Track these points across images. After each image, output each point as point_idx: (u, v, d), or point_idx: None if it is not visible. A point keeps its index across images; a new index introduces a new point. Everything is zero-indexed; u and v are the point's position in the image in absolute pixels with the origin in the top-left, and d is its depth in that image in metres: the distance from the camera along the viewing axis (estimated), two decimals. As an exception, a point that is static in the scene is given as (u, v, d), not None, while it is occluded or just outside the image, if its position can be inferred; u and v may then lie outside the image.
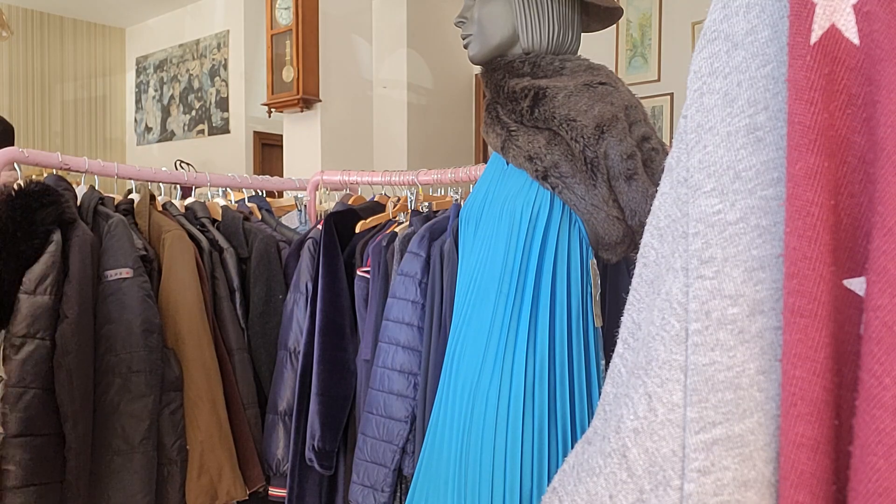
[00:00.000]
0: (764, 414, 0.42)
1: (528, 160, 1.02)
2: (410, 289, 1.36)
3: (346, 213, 1.61)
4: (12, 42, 5.68)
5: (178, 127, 5.90)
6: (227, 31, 5.47)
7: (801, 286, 0.39)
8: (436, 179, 1.63)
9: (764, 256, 0.44)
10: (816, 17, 0.41)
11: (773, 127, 0.44)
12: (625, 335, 0.53)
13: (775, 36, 0.45)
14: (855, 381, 0.38)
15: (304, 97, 3.62)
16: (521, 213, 1.02)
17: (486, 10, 1.10)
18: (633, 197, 0.98)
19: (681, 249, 0.47)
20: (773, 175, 0.44)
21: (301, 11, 3.59)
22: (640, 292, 0.52)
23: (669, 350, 0.46)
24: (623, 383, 0.50)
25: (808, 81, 0.40)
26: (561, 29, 1.09)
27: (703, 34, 0.49)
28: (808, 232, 0.39)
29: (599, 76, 1.04)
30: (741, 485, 0.42)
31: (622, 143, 0.98)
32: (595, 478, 0.49)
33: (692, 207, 0.46)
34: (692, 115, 0.48)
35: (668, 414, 0.45)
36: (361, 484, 1.36)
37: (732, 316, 0.43)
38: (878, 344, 0.36)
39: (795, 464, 0.38)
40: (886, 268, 0.36)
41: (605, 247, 1.02)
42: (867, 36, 0.40)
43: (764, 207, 0.44)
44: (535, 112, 1.03)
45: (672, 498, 0.45)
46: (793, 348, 0.39)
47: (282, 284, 1.60)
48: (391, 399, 1.35)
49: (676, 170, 0.49)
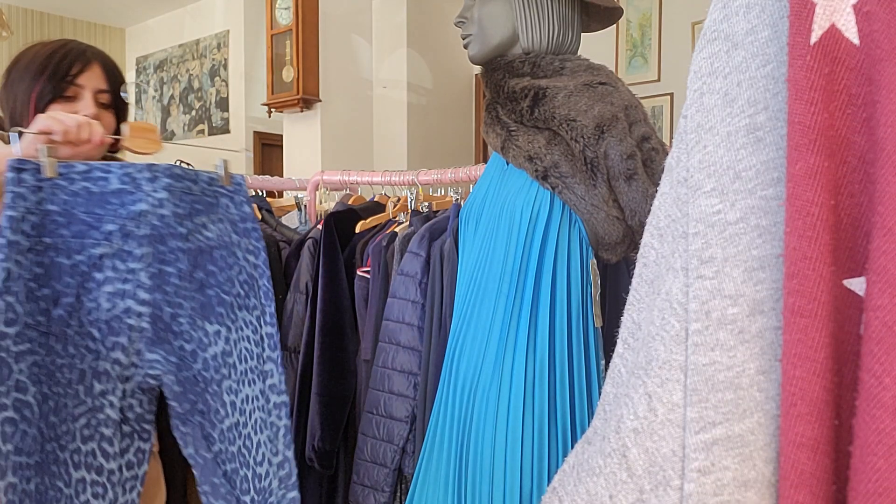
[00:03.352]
0: (764, 414, 0.42)
1: (528, 160, 1.02)
2: (410, 289, 1.37)
3: (346, 213, 1.61)
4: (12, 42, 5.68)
5: (178, 127, 5.90)
6: (227, 31, 5.47)
7: (801, 286, 0.39)
8: (436, 179, 1.63)
9: (764, 256, 0.44)
10: (816, 17, 0.41)
11: (773, 127, 0.44)
12: (625, 335, 0.53)
13: (775, 36, 0.45)
14: (855, 381, 0.38)
15: (304, 97, 3.62)
16: (521, 213, 1.02)
17: (486, 10, 1.10)
18: (633, 197, 0.98)
19: (681, 249, 0.47)
20: (773, 175, 0.44)
21: (301, 11, 3.59)
22: (640, 292, 0.52)
23: (669, 350, 0.46)
24: (623, 383, 0.50)
25: (808, 81, 0.40)
26: (561, 29, 1.09)
27: (703, 34, 0.49)
28: (808, 232, 0.39)
29: (599, 76, 1.04)
30: (741, 485, 0.42)
31: (622, 143, 0.98)
32: (595, 478, 0.49)
33: (692, 207, 0.46)
34: (692, 115, 0.48)
35: (668, 414, 0.45)
36: (361, 484, 1.36)
37: (732, 316, 0.43)
38: (878, 344, 0.36)
39: (795, 464, 0.38)
40: (886, 268, 0.36)
41: (605, 247, 1.02)
42: (867, 36, 0.40)
43: (764, 207, 0.44)
44: (535, 112, 1.03)
45: (672, 498, 0.45)
46: (793, 348, 0.39)
47: (282, 284, 1.60)
48: (391, 399, 1.35)
49: (676, 170, 0.49)
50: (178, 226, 0.98)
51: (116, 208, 0.93)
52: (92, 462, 0.94)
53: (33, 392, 0.87)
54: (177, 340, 0.98)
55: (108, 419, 0.95)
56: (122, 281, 0.94)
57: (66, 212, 0.91)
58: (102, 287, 0.93)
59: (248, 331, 1.03)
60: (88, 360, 0.94)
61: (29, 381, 0.87)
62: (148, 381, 0.97)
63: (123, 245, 0.94)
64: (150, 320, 0.96)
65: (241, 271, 1.05)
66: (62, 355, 0.91)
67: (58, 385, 0.91)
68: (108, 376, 0.95)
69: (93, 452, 0.94)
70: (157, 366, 0.96)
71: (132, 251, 0.94)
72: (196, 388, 0.99)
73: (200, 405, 0.99)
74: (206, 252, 1.02)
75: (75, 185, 0.91)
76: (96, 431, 0.94)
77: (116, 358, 0.95)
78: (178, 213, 0.98)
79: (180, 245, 0.98)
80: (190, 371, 0.99)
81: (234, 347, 1.02)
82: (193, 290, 0.99)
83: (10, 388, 0.84)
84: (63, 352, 0.91)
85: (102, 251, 0.93)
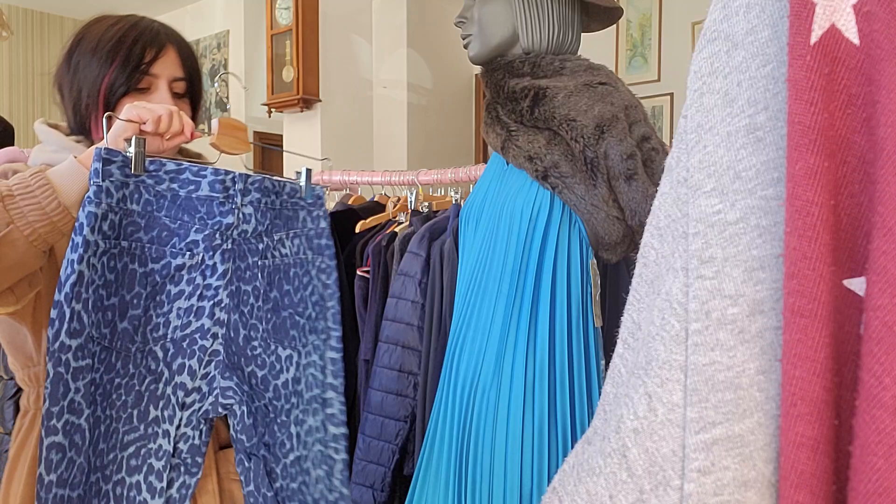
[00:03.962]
0: (764, 414, 0.42)
1: (528, 160, 1.02)
2: (410, 289, 1.37)
3: (346, 213, 1.61)
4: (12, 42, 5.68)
5: (178, 127, 5.91)
6: (227, 32, 5.47)
7: (801, 286, 0.39)
8: (436, 179, 1.63)
9: (764, 256, 0.44)
10: (816, 17, 0.41)
11: (773, 127, 0.44)
12: (625, 335, 0.53)
13: (775, 36, 0.45)
14: (855, 381, 0.38)
15: (304, 97, 3.62)
16: (521, 213, 1.02)
17: (486, 10, 1.10)
18: (633, 197, 0.98)
19: (681, 249, 0.47)
20: (773, 175, 0.44)
21: (301, 11, 3.59)
22: (640, 292, 0.52)
23: (669, 350, 0.46)
24: (623, 383, 0.50)
25: (808, 81, 0.40)
26: (561, 29, 1.09)
27: (703, 34, 0.49)
28: (808, 232, 0.39)
29: (599, 76, 1.04)
30: (741, 485, 0.42)
31: (622, 143, 0.98)
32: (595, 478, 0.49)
33: (692, 207, 0.46)
34: (692, 115, 0.48)
35: (668, 414, 0.45)
36: (361, 483, 1.36)
37: (732, 316, 0.43)
38: (878, 344, 0.36)
39: (795, 464, 0.38)
40: (886, 268, 0.36)
41: (605, 247, 1.02)
42: (867, 36, 0.40)
43: (764, 207, 0.44)
44: (535, 112, 1.03)
45: (672, 498, 0.45)
46: (793, 348, 0.39)
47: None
48: (390, 398, 1.35)
49: (676, 170, 0.49)
50: (258, 242, 0.89)
51: (204, 217, 0.83)
52: (135, 497, 0.81)
53: (87, 415, 0.76)
54: (249, 366, 0.88)
55: (159, 449, 0.82)
56: (198, 297, 0.84)
57: (147, 213, 0.81)
58: (175, 302, 0.83)
59: (315, 356, 0.95)
60: (148, 381, 0.82)
61: (84, 402, 0.75)
62: (218, 409, 0.85)
63: (206, 258, 0.84)
64: (224, 343, 0.85)
65: (313, 291, 0.96)
66: (121, 374, 0.80)
67: (112, 407, 0.80)
68: (168, 402, 0.83)
69: (137, 486, 0.81)
70: (230, 394, 0.84)
71: (215, 265, 0.84)
72: (266, 418, 0.89)
73: (267, 437, 0.89)
74: (282, 270, 0.93)
75: (161, 186, 0.81)
76: (145, 462, 0.82)
77: (181, 382, 0.83)
78: (259, 229, 0.89)
79: (258, 262, 0.89)
80: (262, 400, 0.89)
81: (303, 374, 0.93)
82: (268, 311, 0.90)
83: (63, 409, 0.73)
84: (122, 371, 0.80)
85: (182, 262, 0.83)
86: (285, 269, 0.93)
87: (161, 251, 0.82)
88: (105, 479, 0.79)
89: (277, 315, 0.92)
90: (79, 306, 0.73)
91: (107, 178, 0.76)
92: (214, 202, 0.84)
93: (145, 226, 0.81)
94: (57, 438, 0.72)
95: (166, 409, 0.83)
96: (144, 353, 0.81)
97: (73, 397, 0.74)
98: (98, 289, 0.76)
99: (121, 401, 0.80)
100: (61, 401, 0.72)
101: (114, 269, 0.78)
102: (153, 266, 0.81)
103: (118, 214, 0.78)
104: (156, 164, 0.81)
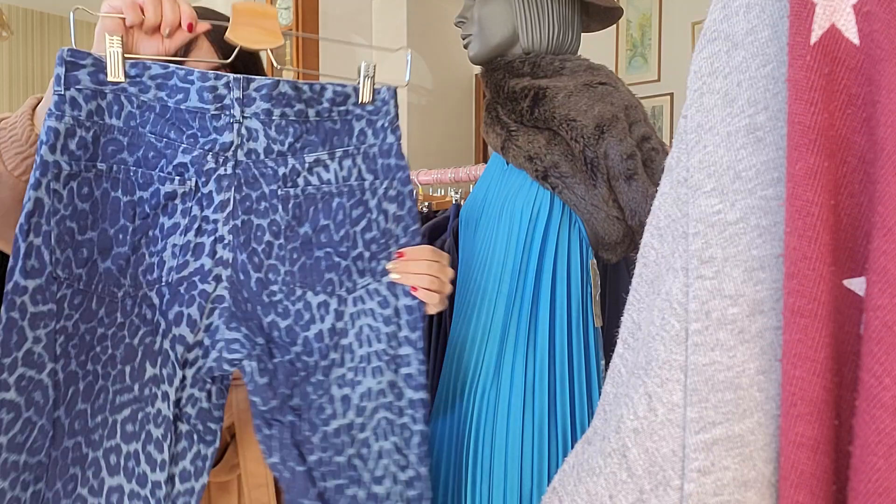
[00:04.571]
0: (764, 414, 0.42)
1: (528, 160, 1.02)
2: (410, 289, 1.36)
3: (346, 213, 1.60)
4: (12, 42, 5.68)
5: (178, 127, 5.91)
6: (227, 31, 5.47)
7: (801, 286, 0.39)
8: (436, 179, 1.63)
9: (764, 256, 0.44)
10: (816, 17, 0.41)
11: (773, 127, 0.44)
12: (625, 335, 0.53)
13: (775, 36, 0.45)
14: (855, 381, 0.38)
15: (304, 97, 3.62)
16: (521, 213, 1.02)
17: (486, 10, 1.10)
18: (633, 197, 0.98)
19: (681, 249, 0.47)
20: (773, 175, 0.44)
21: (301, 11, 3.59)
22: (640, 292, 0.52)
23: (669, 350, 0.46)
24: (623, 383, 0.50)
25: (808, 81, 0.40)
26: (561, 29, 1.09)
27: (703, 34, 0.49)
28: (808, 232, 0.39)
29: (599, 76, 1.04)
30: (741, 485, 0.42)
31: (622, 143, 0.98)
32: (595, 478, 0.49)
33: (692, 207, 0.46)
34: (692, 115, 0.48)
35: (668, 414, 0.45)
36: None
37: (732, 316, 0.43)
38: (878, 344, 0.36)
39: (795, 464, 0.39)
40: (886, 268, 0.36)
41: (605, 247, 1.02)
42: (867, 36, 0.40)
43: (764, 207, 0.44)
44: (535, 112, 1.03)
45: (672, 498, 0.45)
46: (793, 348, 0.39)
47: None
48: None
49: (676, 170, 0.49)
50: (278, 165, 0.74)
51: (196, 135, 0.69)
52: (133, 468, 0.69)
53: (50, 369, 0.65)
54: (268, 315, 0.74)
55: (158, 415, 0.70)
56: (195, 231, 0.70)
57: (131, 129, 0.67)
58: (169, 238, 0.70)
59: (373, 303, 0.78)
60: (142, 333, 0.70)
61: (47, 354, 0.64)
62: (223, 366, 0.71)
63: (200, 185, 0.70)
64: (230, 287, 0.71)
65: (369, 225, 0.78)
66: (106, 324, 0.68)
67: (95, 362, 0.68)
68: (167, 359, 0.70)
69: (135, 456, 0.70)
70: (235, 347, 0.71)
71: (210, 193, 0.70)
72: (292, 378, 0.75)
73: (297, 400, 0.75)
74: (319, 200, 0.76)
75: (147, 95, 0.67)
76: (143, 429, 0.70)
77: (180, 335, 0.70)
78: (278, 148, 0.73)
79: (277, 191, 0.74)
80: (286, 355, 0.75)
81: (351, 325, 0.78)
82: (293, 250, 0.75)
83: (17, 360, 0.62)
84: (108, 319, 0.68)
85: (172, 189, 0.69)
86: (324, 199, 0.76)
87: (148, 175, 0.69)
88: (91, 444, 0.68)
89: (308, 254, 0.76)
90: (38, 240, 0.63)
91: (72, 85, 0.63)
92: (207, 115, 0.70)
93: (129, 144, 0.68)
94: (8, 395, 0.61)
95: (165, 368, 0.70)
96: (136, 299, 0.69)
97: (30, 348, 0.63)
98: (64, 220, 0.64)
99: (107, 354, 0.68)
100: (14, 351, 0.62)
101: (89, 197, 0.66)
102: (141, 194, 0.68)
103: (91, 130, 0.65)
104: (138, 68, 0.66)
